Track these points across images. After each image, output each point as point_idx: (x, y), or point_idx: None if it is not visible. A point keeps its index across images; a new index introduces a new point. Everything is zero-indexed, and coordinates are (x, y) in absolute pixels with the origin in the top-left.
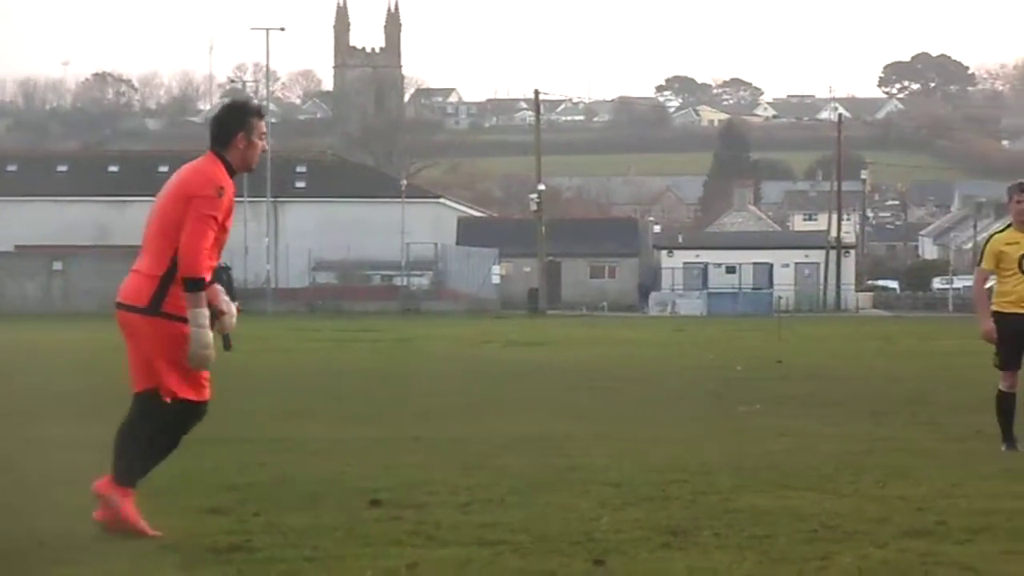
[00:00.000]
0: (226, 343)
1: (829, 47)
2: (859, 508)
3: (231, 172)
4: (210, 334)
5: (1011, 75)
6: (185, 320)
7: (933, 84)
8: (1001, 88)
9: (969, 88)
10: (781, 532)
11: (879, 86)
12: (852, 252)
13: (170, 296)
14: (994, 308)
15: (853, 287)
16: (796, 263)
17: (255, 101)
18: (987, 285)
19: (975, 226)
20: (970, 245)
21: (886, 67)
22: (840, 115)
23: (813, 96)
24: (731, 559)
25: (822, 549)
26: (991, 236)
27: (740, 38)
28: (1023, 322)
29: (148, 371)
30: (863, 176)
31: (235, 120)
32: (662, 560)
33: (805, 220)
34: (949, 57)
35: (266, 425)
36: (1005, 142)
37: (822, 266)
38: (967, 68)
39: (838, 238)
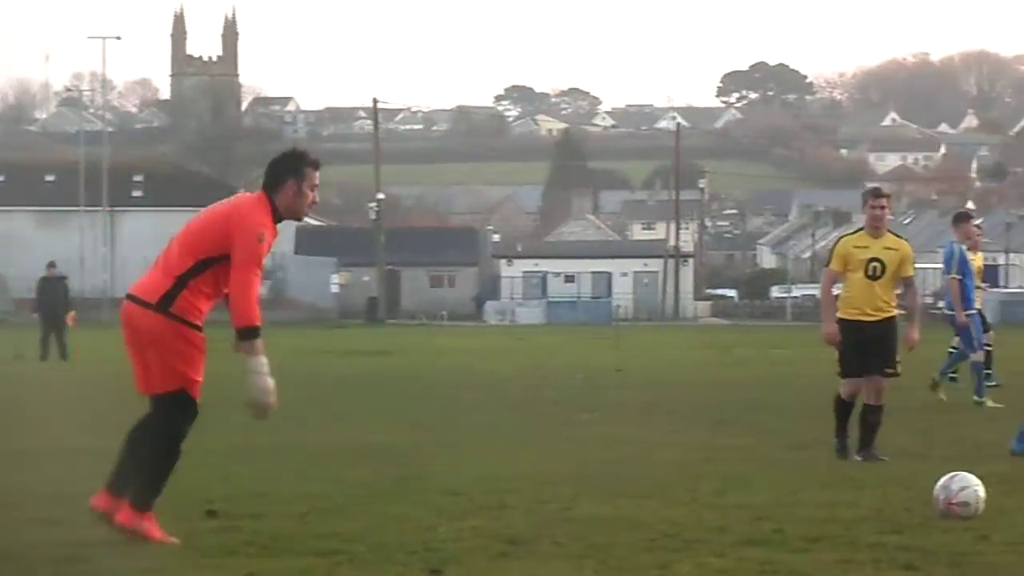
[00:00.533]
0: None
1: (667, 57)
2: (698, 516)
3: (277, 216)
4: (271, 381)
5: (849, 84)
6: (189, 324)
7: (771, 93)
8: (839, 97)
9: (807, 97)
10: (620, 541)
11: (717, 95)
12: (690, 261)
13: (180, 299)
14: (839, 315)
15: (692, 296)
16: (635, 272)
17: (312, 153)
18: (835, 289)
19: (813, 235)
20: (808, 254)
21: (724, 76)
22: (678, 124)
23: (651, 105)
24: (570, 568)
25: (661, 558)
26: (841, 237)
27: (578, 48)
28: (868, 329)
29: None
30: (701, 185)
31: (290, 166)
32: (500, 569)
33: (644, 229)
34: (787, 66)
35: (102, 434)
36: (843, 151)
37: (661, 275)
38: (805, 77)
39: (676, 247)
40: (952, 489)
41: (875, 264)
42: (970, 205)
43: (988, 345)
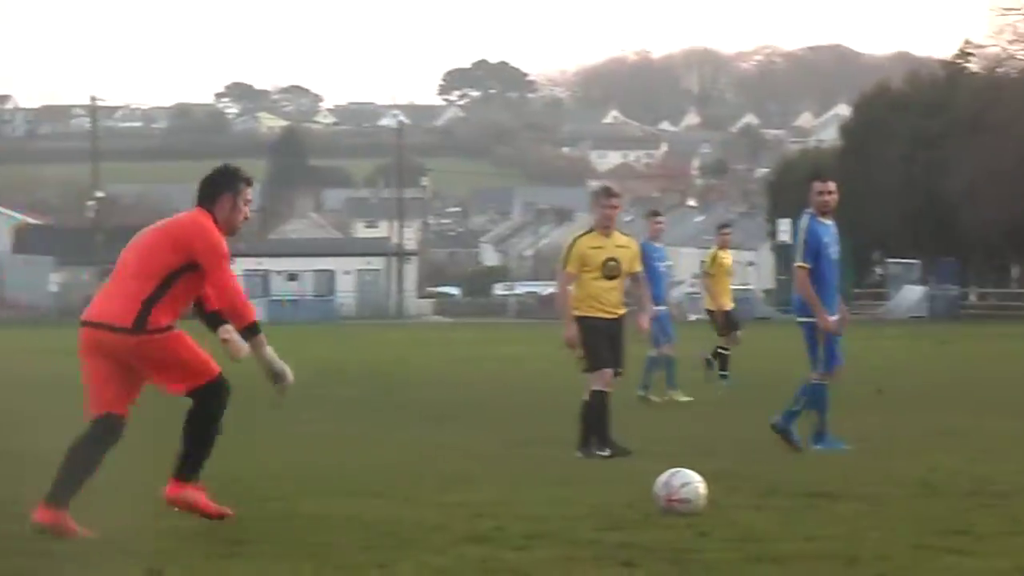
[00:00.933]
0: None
1: (389, 54)
2: (419, 514)
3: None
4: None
5: (571, 82)
6: (164, 329)
7: (493, 91)
8: (561, 95)
9: (529, 95)
10: (340, 540)
11: (439, 93)
12: (414, 259)
13: (152, 318)
14: (578, 313)
15: (415, 293)
16: (358, 270)
17: (244, 171)
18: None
19: (536, 232)
20: (531, 252)
21: (446, 74)
22: (401, 122)
23: (373, 103)
24: (289, 568)
25: (380, 556)
26: (575, 239)
27: (300, 45)
28: (610, 325)
29: (118, 391)
30: (424, 183)
31: (225, 182)
32: (220, 569)
33: (367, 227)
34: (508, 64)
35: None
36: (565, 149)
37: (384, 273)
38: (527, 75)
39: (400, 245)
40: (673, 485)
41: (612, 263)
42: (692, 203)
43: (725, 349)
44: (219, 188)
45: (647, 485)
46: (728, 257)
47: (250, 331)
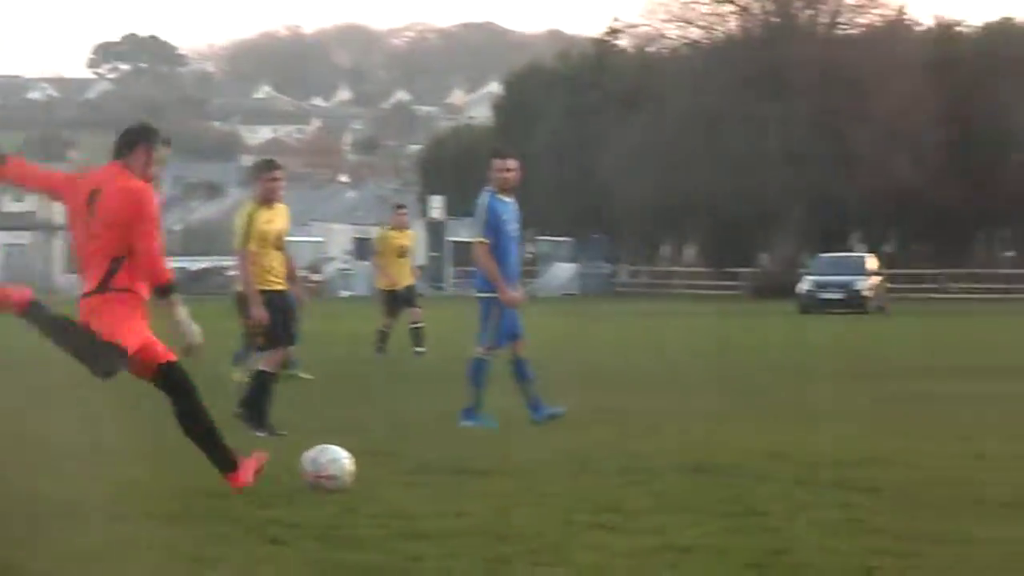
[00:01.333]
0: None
1: (36, 26)
2: (63, 492)
3: None
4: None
5: (221, 56)
6: (129, 291)
7: (144, 65)
8: (211, 70)
9: (180, 69)
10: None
11: (89, 67)
12: (62, 233)
13: (117, 276)
14: (261, 288)
15: (64, 269)
16: (5, 245)
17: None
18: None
19: (186, 207)
20: (180, 227)
21: (96, 47)
22: (49, 95)
23: (21, 76)
24: None
25: (20, 535)
26: (251, 216)
27: None
28: (283, 297)
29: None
30: (71, 157)
31: (142, 133)
32: None
33: (13, 201)
34: (158, 38)
35: None
36: (215, 123)
37: (31, 247)
38: (176, 49)
39: (48, 219)
40: (320, 462)
41: (279, 234)
42: (344, 179)
43: (387, 328)
44: (136, 139)
45: (295, 462)
46: (401, 237)
47: (165, 290)
